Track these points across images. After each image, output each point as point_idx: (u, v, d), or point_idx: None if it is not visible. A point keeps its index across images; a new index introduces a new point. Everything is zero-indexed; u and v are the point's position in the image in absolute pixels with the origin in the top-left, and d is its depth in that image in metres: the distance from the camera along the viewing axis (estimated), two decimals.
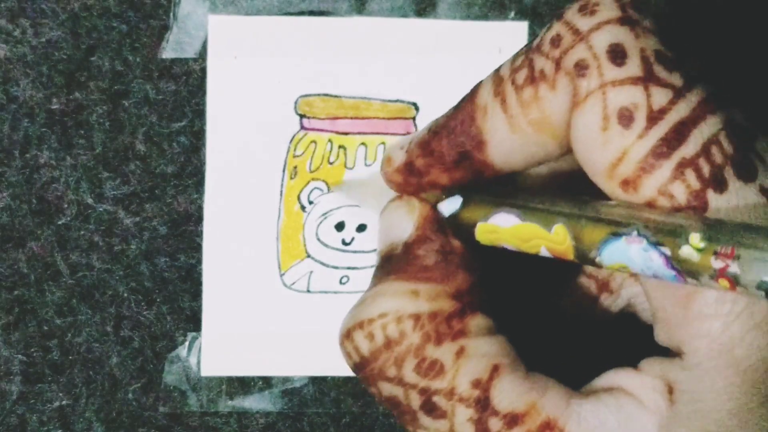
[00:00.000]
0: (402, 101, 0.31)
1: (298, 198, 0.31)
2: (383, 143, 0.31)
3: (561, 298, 0.26)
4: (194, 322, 0.31)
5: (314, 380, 0.31)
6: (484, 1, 0.31)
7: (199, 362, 0.31)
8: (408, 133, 0.31)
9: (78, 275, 0.31)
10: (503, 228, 0.22)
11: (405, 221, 0.24)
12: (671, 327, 0.21)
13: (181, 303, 0.31)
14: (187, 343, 0.31)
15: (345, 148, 0.31)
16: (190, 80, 0.31)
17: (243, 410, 0.31)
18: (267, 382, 0.31)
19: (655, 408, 0.21)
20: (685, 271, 0.19)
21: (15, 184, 0.30)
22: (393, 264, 0.23)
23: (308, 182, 0.31)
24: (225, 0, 0.30)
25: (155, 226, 0.31)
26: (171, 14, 0.30)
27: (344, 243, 0.31)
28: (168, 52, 0.30)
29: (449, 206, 0.24)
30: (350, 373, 0.31)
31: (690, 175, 0.20)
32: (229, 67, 0.30)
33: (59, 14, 0.30)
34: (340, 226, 0.31)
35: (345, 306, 0.31)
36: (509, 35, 0.31)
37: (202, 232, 0.31)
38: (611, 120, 0.20)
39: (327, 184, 0.31)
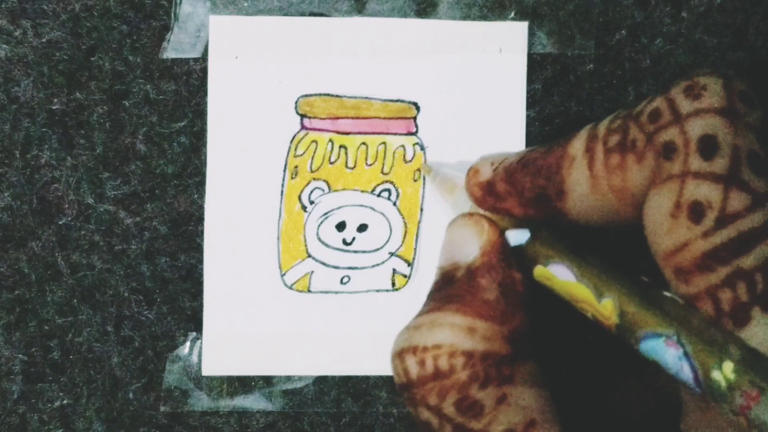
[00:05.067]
0: (402, 101, 0.31)
1: (299, 198, 0.31)
2: (384, 143, 0.31)
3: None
4: (195, 322, 0.31)
5: (314, 380, 0.31)
6: (484, 1, 0.31)
7: (199, 362, 0.31)
8: (408, 132, 0.31)
9: (79, 275, 0.31)
10: (559, 279, 0.22)
11: (472, 243, 0.24)
12: (697, 425, 0.21)
13: (181, 303, 0.31)
14: (187, 343, 0.31)
15: (346, 148, 0.31)
16: (190, 80, 0.31)
17: (243, 410, 0.31)
18: (267, 381, 0.31)
19: None
20: (710, 393, 0.19)
21: (16, 184, 0.30)
22: (455, 289, 0.23)
23: (309, 182, 0.31)
24: (226, 0, 0.30)
25: (156, 227, 0.31)
26: (172, 14, 0.30)
27: (345, 243, 0.31)
28: (169, 53, 0.30)
29: (516, 237, 0.23)
30: (350, 373, 0.31)
31: (741, 286, 0.19)
32: (230, 67, 0.30)
33: (60, 15, 0.30)
34: (340, 226, 0.31)
35: (346, 306, 0.31)
36: (509, 35, 0.31)
37: (202, 232, 0.31)
38: (682, 210, 0.20)
39: (328, 184, 0.31)
